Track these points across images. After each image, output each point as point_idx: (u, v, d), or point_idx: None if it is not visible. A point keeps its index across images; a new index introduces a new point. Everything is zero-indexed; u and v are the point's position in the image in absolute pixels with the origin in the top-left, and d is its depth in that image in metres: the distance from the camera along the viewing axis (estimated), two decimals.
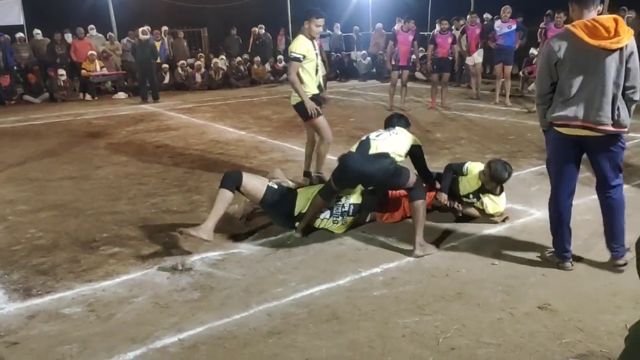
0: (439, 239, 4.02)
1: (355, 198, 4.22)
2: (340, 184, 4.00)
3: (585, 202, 4.70)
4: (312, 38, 5.15)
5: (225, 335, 2.86)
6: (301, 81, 5.17)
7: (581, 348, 2.62)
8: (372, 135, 4.05)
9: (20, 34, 14.10)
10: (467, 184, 4.35)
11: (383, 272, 3.53)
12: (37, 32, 14.27)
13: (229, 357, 2.68)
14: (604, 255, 3.54)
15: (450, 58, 10.43)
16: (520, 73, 12.60)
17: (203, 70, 15.00)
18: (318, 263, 3.70)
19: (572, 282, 3.29)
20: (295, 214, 4.15)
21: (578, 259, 3.58)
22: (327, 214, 4.15)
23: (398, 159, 3.91)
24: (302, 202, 4.17)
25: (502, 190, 4.35)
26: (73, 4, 17.07)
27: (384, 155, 3.86)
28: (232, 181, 3.99)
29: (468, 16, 11.31)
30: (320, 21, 5.08)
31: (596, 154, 3.31)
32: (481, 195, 4.30)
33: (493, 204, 4.28)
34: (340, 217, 4.16)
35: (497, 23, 10.25)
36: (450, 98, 10.92)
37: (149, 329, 2.93)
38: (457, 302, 3.10)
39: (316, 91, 5.29)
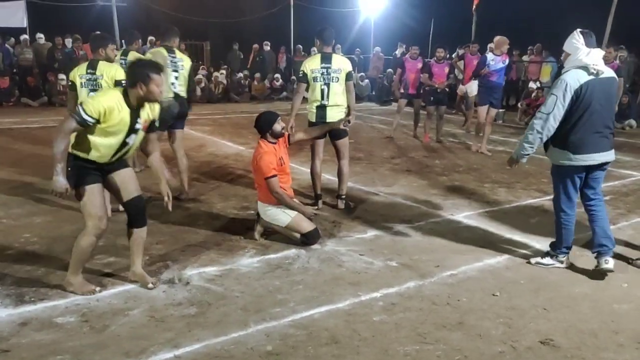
0: (439, 265, 3.99)
1: None
2: None
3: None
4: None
5: (223, 354, 2.79)
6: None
7: None
8: None
9: (24, 36, 14.05)
10: None
11: (383, 297, 3.49)
12: (40, 37, 14.23)
13: None
14: (608, 290, 3.53)
15: (447, 90, 9.80)
16: (519, 105, 12.74)
17: (203, 84, 15.01)
18: (317, 284, 3.66)
19: (574, 317, 3.26)
20: None
21: (582, 295, 3.57)
22: None
23: None
24: None
25: None
26: (78, 11, 17.08)
27: None
28: None
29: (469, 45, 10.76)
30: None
31: None
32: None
33: None
34: None
35: (491, 56, 8.21)
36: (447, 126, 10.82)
37: (144, 344, 2.86)
38: (458, 332, 3.06)
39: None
